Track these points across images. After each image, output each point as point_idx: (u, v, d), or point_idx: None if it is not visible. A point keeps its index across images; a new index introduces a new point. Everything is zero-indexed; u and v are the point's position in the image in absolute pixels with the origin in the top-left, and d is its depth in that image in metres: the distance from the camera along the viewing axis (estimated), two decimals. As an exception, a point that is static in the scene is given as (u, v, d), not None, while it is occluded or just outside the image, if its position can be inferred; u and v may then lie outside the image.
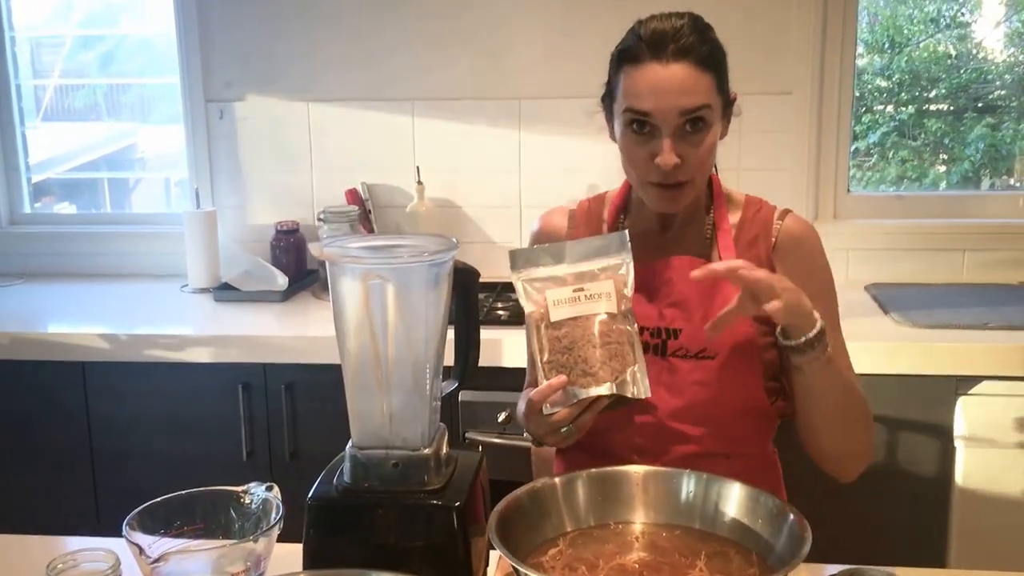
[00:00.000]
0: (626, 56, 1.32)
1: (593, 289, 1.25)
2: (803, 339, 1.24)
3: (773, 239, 1.40)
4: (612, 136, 1.41)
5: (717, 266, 1.22)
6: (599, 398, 1.21)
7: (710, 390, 1.35)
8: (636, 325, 1.25)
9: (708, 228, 1.43)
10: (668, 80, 1.28)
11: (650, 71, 1.29)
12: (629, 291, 1.26)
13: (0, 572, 1.28)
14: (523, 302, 1.27)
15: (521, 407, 1.39)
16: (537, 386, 1.23)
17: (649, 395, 1.23)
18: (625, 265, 1.27)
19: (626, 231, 1.30)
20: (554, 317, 1.24)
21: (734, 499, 1.15)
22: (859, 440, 1.38)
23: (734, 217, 1.43)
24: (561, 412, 1.21)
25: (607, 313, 1.24)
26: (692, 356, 1.35)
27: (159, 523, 1.14)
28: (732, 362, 1.35)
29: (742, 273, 1.19)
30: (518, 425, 1.42)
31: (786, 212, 1.44)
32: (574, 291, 1.25)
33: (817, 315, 1.25)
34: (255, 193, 2.77)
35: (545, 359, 1.24)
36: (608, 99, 1.39)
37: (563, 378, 1.21)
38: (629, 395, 1.21)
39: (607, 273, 1.26)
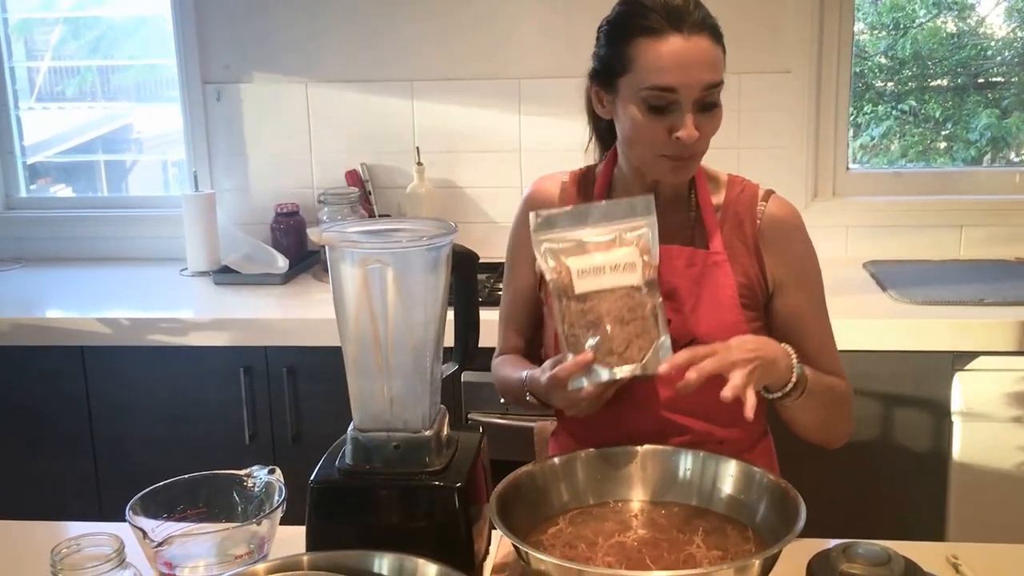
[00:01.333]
0: (639, 28, 1.27)
1: (618, 259, 1.22)
2: (780, 393, 1.26)
3: (758, 221, 1.39)
4: (601, 112, 1.38)
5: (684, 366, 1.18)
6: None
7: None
8: (660, 297, 1.23)
9: (692, 209, 1.41)
10: (692, 53, 1.25)
11: (673, 42, 1.25)
12: (654, 258, 1.24)
13: (3, 558, 1.29)
14: (544, 267, 1.24)
15: (529, 375, 1.36)
16: (521, 335, 1.22)
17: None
18: (649, 229, 1.24)
19: (651, 195, 1.27)
20: (578, 289, 1.22)
21: (730, 476, 1.17)
22: (841, 429, 1.42)
23: (717, 198, 1.41)
24: (588, 389, 1.21)
25: (631, 285, 1.22)
26: (682, 346, 1.33)
27: (162, 507, 1.15)
28: None
29: (690, 379, 1.16)
30: (520, 406, 1.43)
31: (769, 193, 1.41)
32: (599, 261, 1.23)
33: (793, 360, 1.25)
34: (254, 175, 2.77)
35: (567, 331, 1.22)
36: (607, 75, 1.33)
37: (590, 355, 1.19)
38: (653, 372, 1.20)
39: (631, 238, 1.24)
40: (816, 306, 1.41)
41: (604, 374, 1.20)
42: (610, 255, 1.22)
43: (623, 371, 1.20)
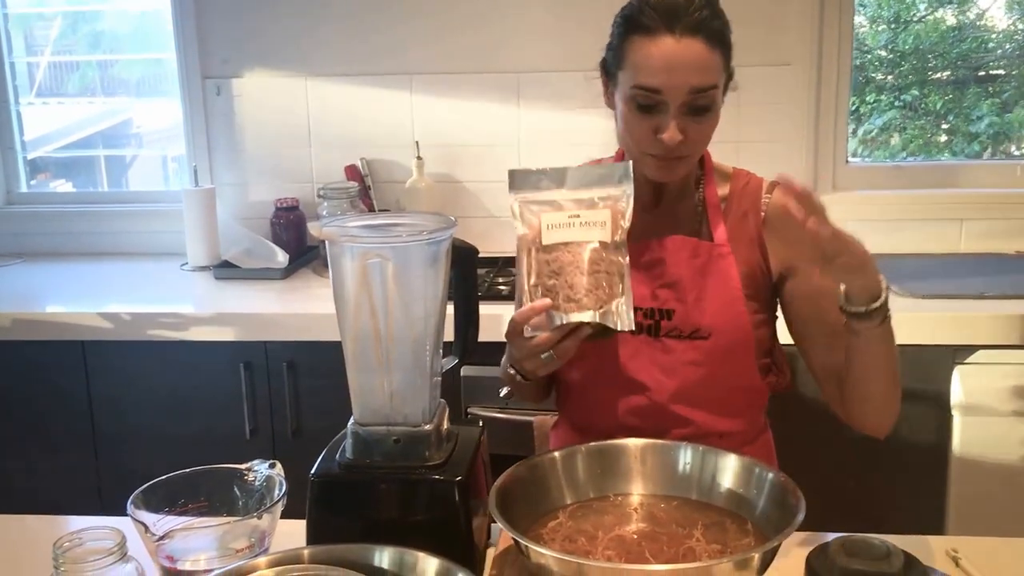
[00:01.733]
0: (635, 25, 1.28)
1: (589, 216, 1.23)
2: (864, 308, 1.20)
3: (763, 212, 1.39)
4: (608, 102, 1.39)
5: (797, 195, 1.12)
6: (581, 325, 1.20)
7: (703, 370, 1.35)
8: (628, 258, 1.23)
9: (699, 203, 1.42)
10: (681, 56, 1.24)
11: (664, 44, 1.25)
12: (626, 223, 1.24)
13: (6, 552, 1.29)
14: (516, 224, 1.25)
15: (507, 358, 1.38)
16: (525, 299, 1.21)
17: (632, 328, 1.21)
18: (626, 196, 1.25)
19: (630, 162, 1.28)
20: (546, 240, 1.23)
21: (730, 470, 1.17)
22: (897, 398, 1.37)
23: (723, 190, 1.42)
24: (542, 336, 1.20)
25: (600, 241, 1.22)
26: (685, 337, 1.35)
27: (163, 501, 1.15)
28: (725, 341, 1.35)
29: (810, 227, 1.11)
30: (520, 400, 1.43)
31: (774, 184, 1.41)
32: (570, 216, 1.23)
33: (882, 278, 1.20)
34: (254, 170, 2.77)
35: (532, 282, 1.22)
36: (611, 65, 1.35)
37: (547, 301, 1.20)
38: (611, 326, 1.20)
39: (607, 203, 1.24)
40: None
41: (558, 319, 1.20)
42: (582, 213, 1.23)
43: (578, 317, 1.19)
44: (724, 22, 1.30)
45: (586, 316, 1.19)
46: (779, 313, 1.46)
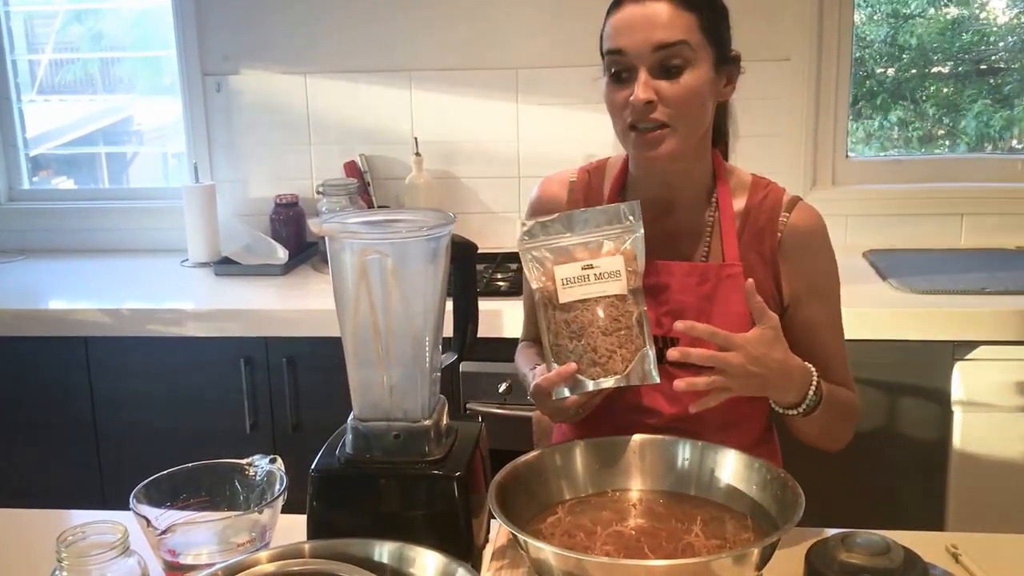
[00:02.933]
0: (611, 5, 1.31)
1: (603, 267, 1.22)
2: (784, 411, 1.27)
3: (779, 234, 1.34)
4: (604, 99, 1.38)
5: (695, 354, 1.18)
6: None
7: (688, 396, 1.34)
8: (645, 306, 1.23)
9: (711, 215, 1.37)
10: (641, 15, 1.25)
11: (626, 10, 1.27)
12: (640, 266, 1.23)
13: (9, 546, 1.30)
14: (529, 277, 1.25)
15: (525, 373, 1.37)
16: (541, 352, 1.23)
17: (657, 381, 1.21)
18: (635, 236, 1.24)
19: (638, 201, 1.25)
20: (563, 299, 1.22)
21: (729, 466, 1.17)
22: (841, 438, 1.41)
23: (739, 203, 1.37)
24: (571, 399, 1.21)
25: (616, 295, 1.22)
26: (690, 365, 1.31)
27: (165, 496, 1.16)
28: None
29: (678, 387, 1.17)
30: (519, 396, 1.43)
31: (794, 202, 1.37)
32: (583, 268, 1.22)
33: (811, 388, 1.24)
34: (254, 166, 2.77)
35: (552, 341, 1.23)
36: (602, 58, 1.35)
37: (573, 366, 1.20)
38: (637, 383, 1.22)
39: (616, 244, 1.23)
40: (831, 318, 1.38)
41: (587, 385, 1.21)
42: (595, 263, 1.22)
43: (606, 383, 1.21)
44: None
45: (612, 381, 1.21)
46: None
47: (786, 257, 1.35)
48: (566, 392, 1.21)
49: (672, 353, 1.17)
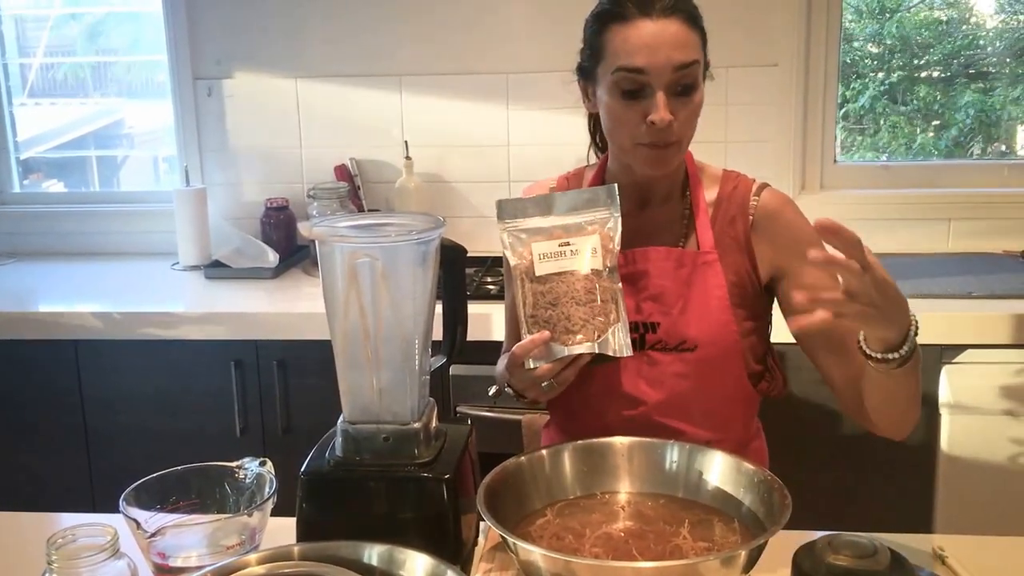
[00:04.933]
0: (610, 16, 1.29)
1: (579, 244, 1.25)
2: (882, 355, 1.12)
3: (750, 217, 1.38)
4: (588, 106, 1.39)
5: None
6: (580, 354, 1.23)
7: (691, 381, 1.35)
8: (620, 283, 1.26)
9: (686, 208, 1.40)
10: (661, 34, 1.25)
11: (642, 26, 1.26)
12: (616, 246, 1.26)
13: (-1, 549, 1.30)
14: (507, 254, 1.27)
15: (502, 363, 1.39)
16: (519, 339, 1.23)
17: (631, 353, 1.23)
18: (613, 219, 1.26)
19: (615, 184, 1.28)
20: (539, 271, 1.25)
21: (717, 468, 1.18)
22: (917, 408, 1.27)
23: (711, 194, 1.40)
24: (543, 367, 1.22)
25: (592, 269, 1.24)
26: (671, 349, 1.34)
27: (155, 498, 1.16)
28: (712, 352, 1.34)
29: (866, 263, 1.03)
30: (508, 399, 1.44)
31: (763, 187, 1.40)
32: (560, 245, 1.25)
33: (911, 329, 1.11)
34: (244, 170, 2.77)
35: (528, 313, 1.25)
36: (588, 66, 1.35)
37: (546, 334, 1.22)
38: (610, 353, 1.23)
39: (594, 226, 1.26)
40: (833, 275, 1.35)
41: (558, 351, 1.22)
42: (572, 241, 1.25)
43: (578, 349, 1.22)
44: (696, 8, 1.31)
45: (585, 348, 1.23)
46: (772, 316, 1.45)
47: (761, 236, 1.37)
48: (540, 361, 1.22)
49: (798, 296, 1.02)
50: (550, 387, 1.25)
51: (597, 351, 1.23)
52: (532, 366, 1.23)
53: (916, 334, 1.13)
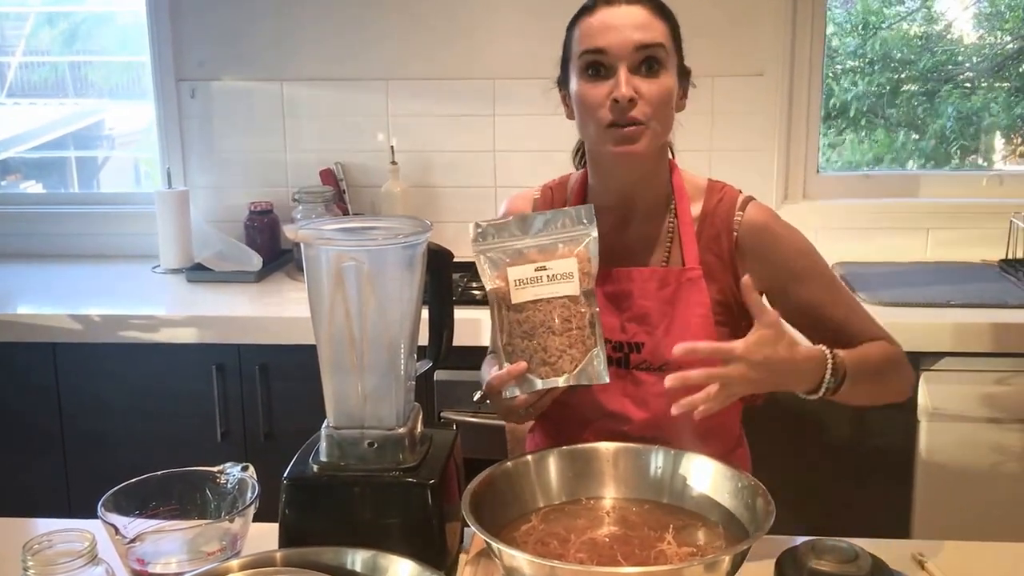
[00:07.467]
0: (579, 13, 1.34)
1: (556, 268, 1.23)
2: (815, 397, 1.24)
3: (735, 234, 1.36)
4: (567, 113, 1.39)
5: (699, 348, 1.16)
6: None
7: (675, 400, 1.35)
8: (597, 307, 1.25)
9: (670, 223, 1.39)
10: (621, 17, 1.29)
11: (602, 13, 1.30)
12: (593, 268, 1.25)
13: (-25, 554, 1.28)
14: (484, 278, 1.26)
15: (487, 366, 1.39)
16: (499, 358, 1.23)
17: (607, 381, 1.23)
18: (590, 239, 1.25)
19: (591, 204, 1.28)
20: (515, 299, 1.23)
21: (701, 474, 1.18)
22: (900, 389, 1.39)
23: (696, 208, 1.39)
24: (520, 397, 1.22)
25: (568, 296, 1.23)
26: (656, 369, 1.34)
27: (134, 504, 1.14)
28: None
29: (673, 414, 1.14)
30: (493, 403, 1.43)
31: (747, 201, 1.39)
32: (536, 269, 1.24)
33: (827, 369, 1.22)
34: (228, 173, 2.76)
35: (504, 341, 1.24)
36: (564, 71, 1.37)
37: (523, 365, 1.21)
38: (586, 383, 1.23)
39: (570, 247, 1.25)
40: (828, 290, 1.39)
41: (536, 384, 1.22)
42: (548, 265, 1.24)
43: (554, 382, 1.22)
44: (665, 4, 1.33)
45: (561, 380, 1.22)
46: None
47: (746, 255, 1.37)
48: (516, 391, 1.22)
49: (670, 381, 1.13)
50: (528, 414, 1.26)
51: (573, 382, 1.22)
52: (509, 396, 1.23)
53: (833, 375, 1.22)
